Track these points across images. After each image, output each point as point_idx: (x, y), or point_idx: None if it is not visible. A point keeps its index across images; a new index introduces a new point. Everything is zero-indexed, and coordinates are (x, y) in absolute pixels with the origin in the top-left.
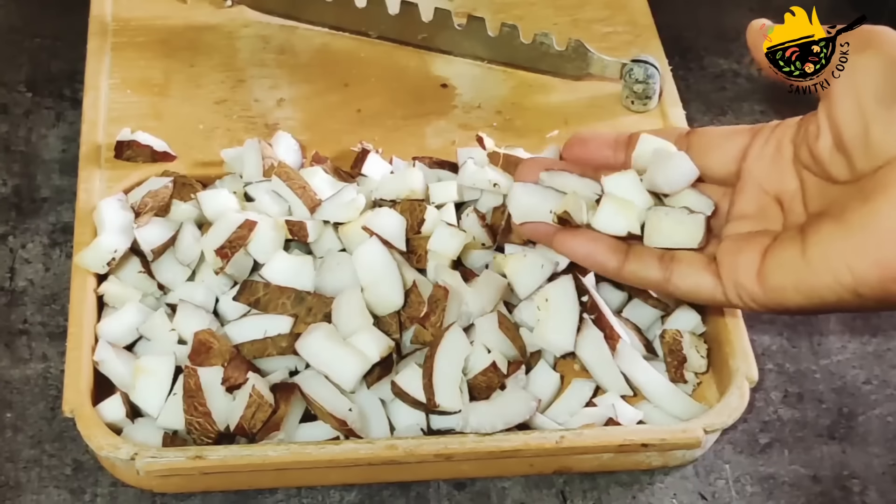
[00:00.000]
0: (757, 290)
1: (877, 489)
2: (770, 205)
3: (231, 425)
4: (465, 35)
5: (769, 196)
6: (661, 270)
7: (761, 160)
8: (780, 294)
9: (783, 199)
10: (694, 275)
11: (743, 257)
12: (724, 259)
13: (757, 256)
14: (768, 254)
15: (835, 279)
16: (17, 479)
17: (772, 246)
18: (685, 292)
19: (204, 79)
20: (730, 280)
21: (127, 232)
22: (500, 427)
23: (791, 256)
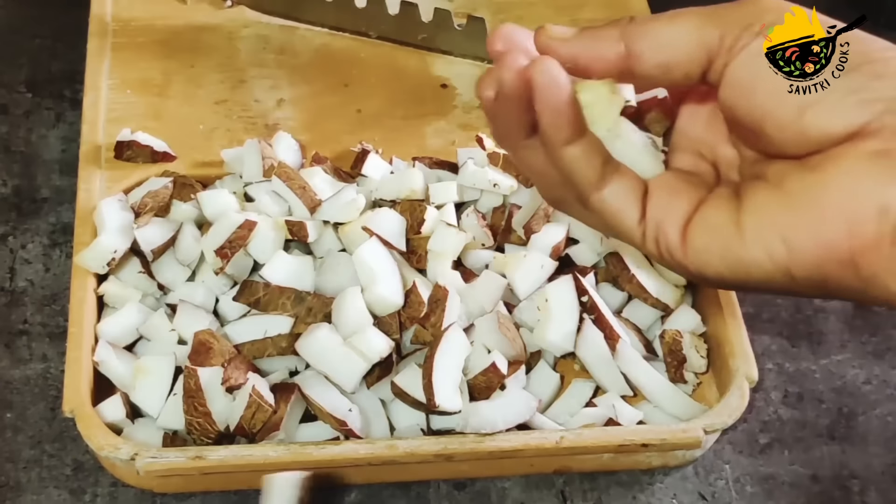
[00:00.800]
0: (677, 244)
1: (876, 489)
2: (703, 165)
3: (231, 425)
4: (465, 35)
5: (705, 161)
6: (597, 171)
7: (696, 119)
8: (701, 258)
9: (720, 166)
10: (625, 197)
11: (676, 201)
12: (658, 193)
13: (688, 206)
14: (699, 209)
15: (767, 253)
16: (17, 480)
17: (704, 202)
18: (606, 213)
19: (204, 79)
20: (653, 220)
21: (127, 232)
22: (500, 427)
23: (722, 219)
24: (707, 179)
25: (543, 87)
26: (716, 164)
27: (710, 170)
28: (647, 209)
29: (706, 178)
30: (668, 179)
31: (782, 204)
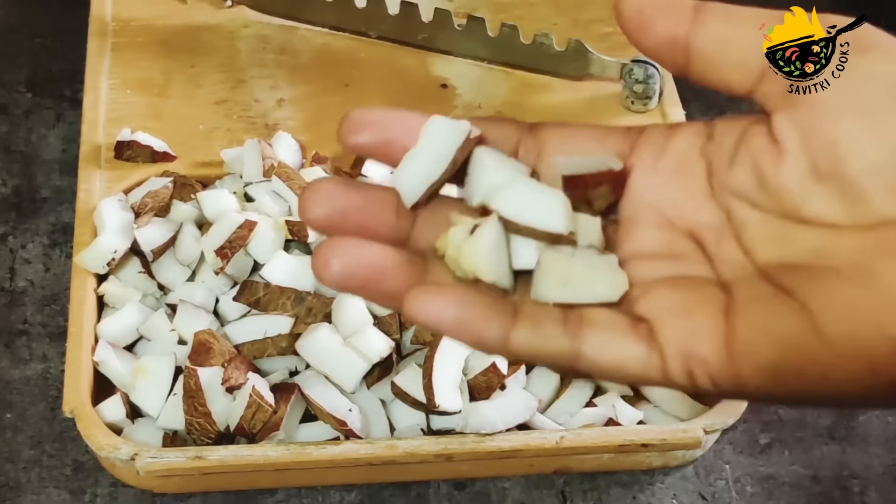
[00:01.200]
0: (724, 366)
1: (877, 489)
2: (680, 241)
3: (231, 425)
4: (466, 35)
5: (677, 229)
6: (567, 338)
7: (656, 176)
8: (771, 377)
9: (701, 236)
10: (617, 343)
11: (699, 322)
12: (665, 321)
13: (719, 321)
14: (741, 319)
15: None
16: (17, 480)
17: (741, 309)
18: (604, 368)
19: (204, 79)
20: (676, 349)
21: (127, 232)
22: (500, 427)
23: (791, 329)
24: (687, 257)
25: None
26: (695, 234)
27: (693, 247)
28: (658, 340)
29: (685, 254)
30: (665, 298)
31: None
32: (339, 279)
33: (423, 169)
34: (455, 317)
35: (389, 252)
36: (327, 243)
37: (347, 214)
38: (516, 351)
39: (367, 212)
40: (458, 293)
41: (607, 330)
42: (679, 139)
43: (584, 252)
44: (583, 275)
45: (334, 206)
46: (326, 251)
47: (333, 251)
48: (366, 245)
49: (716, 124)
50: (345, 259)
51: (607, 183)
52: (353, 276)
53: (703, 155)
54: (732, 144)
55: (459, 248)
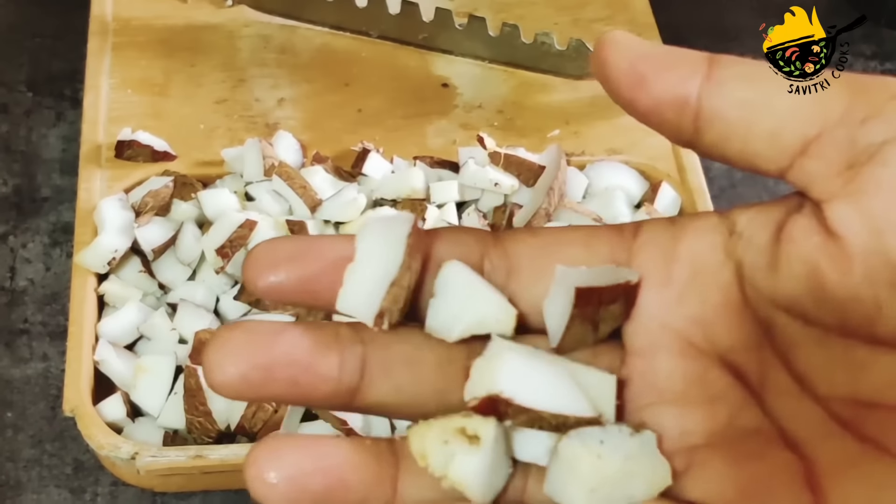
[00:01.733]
0: None
1: None
2: (714, 374)
3: (232, 425)
4: (466, 35)
5: (707, 358)
6: None
7: (669, 290)
8: None
9: (738, 364)
10: None
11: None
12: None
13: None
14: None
15: None
16: (17, 479)
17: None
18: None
19: (204, 78)
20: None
21: (127, 232)
22: None
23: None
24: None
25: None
26: (730, 361)
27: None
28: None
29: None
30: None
31: None
32: (283, 497)
33: (372, 278)
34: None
35: (346, 448)
36: (261, 447)
37: (272, 370)
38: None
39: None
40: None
41: None
42: (691, 239)
43: (615, 435)
44: (617, 472)
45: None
46: (261, 460)
47: (270, 459)
48: (313, 443)
49: (736, 216)
50: (288, 469)
51: (622, 300)
52: (301, 489)
53: (730, 256)
54: (769, 241)
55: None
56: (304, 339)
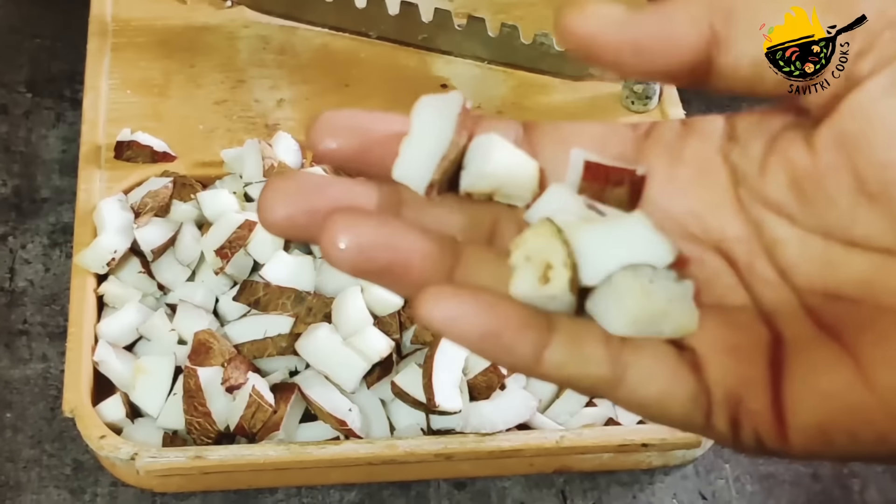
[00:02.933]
0: (771, 422)
1: (877, 487)
2: (709, 258)
3: (231, 425)
4: (466, 35)
5: (703, 244)
6: (608, 363)
7: (673, 185)
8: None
9: (730, 252)
10: (665, 374)
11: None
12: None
13: (765, 367)
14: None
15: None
16: (17, 479)
17: (788, 354)
18: (645, 401)
19: (204, 79)
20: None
21: (127, 232)
22: (499, 427)
23: (841, 383)
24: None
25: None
26: (723, 249)
27: (723, 265)
28: (705, 382)
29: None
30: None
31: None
32: (351, 260)
33: (426, 151)
34: (483, 326)
35: (416, 234)
36: (339, 216)
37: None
38: (548, 372)
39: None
40: (489, 298)
41: (654, 358)
42: (695, 140)
43: (663, 277)
44: (658, 310)
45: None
46: (334, 225)
47: (344, 225)
48: (386, 221)
49: (737, 122)
50: (359, 237)
51: (627, 185)
52: (369, 259)
53: (726, 159)
54: (762, 149)
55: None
56: (349, 191)
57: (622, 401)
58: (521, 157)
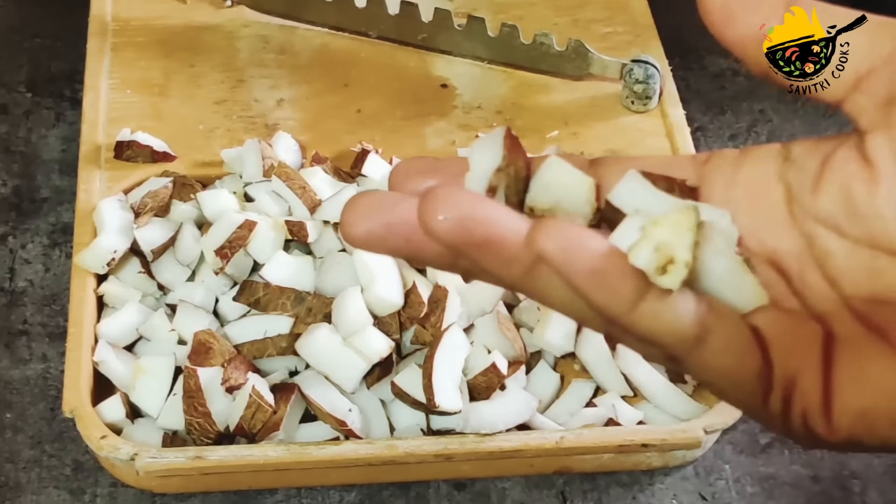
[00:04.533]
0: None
1: (877, 489)
2: (763, 269)
3: (231, 426)
4: (465, 35)
5: (757, 257)
6: (696, 322)
7: (729, 205)
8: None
9: (782, 264)
10: (740, 343)
11: (805, 348)
12: (778, 339)
13: (818, 353)
14: (836, 357)
15: None
16: (17, 480)
17: (838, 345)
18: (718, 369)
19: (204, 79)
20: (784, 371)
21: (127, 232)
22: (500, 427)
23: (881, 368)
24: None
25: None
26: (776, 262)
27: (776, 276)
28: (770, 360)
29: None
30: (778, 316)
31: None
32: (449, 231)
33: (482, 171)
34: (594, 263)
35: (511, 212)
36: (437, 189)
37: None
38: (640, 321)
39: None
40: (602, 244)
41: (735, 327)
42: (751, 164)
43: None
44: (739, 273)
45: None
46: (435, 198)
47: (445, 198)
48: (484, 198)
49: (794, 146)
50: (459, 209)
51: (677, 193)
52: (466, 232)
53: (781, 179)
54: (816, 168)
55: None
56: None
57: (695, 366)
58: (578, 174)
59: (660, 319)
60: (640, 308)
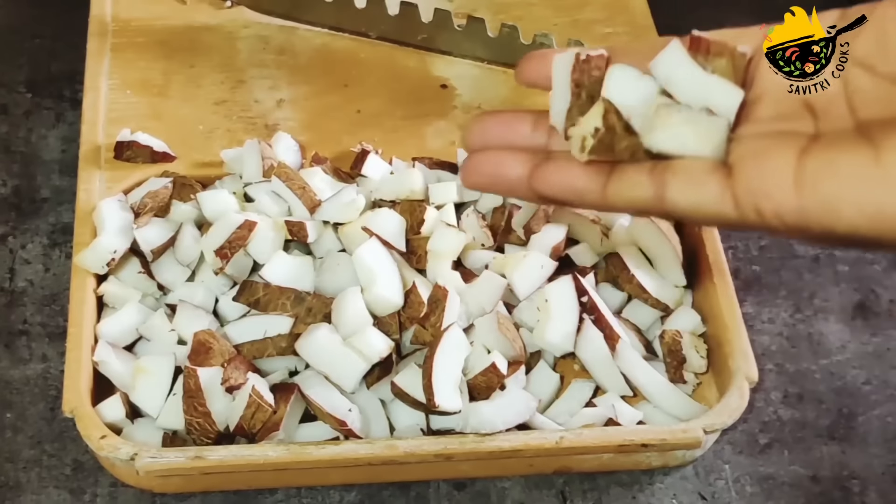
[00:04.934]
0: (791, 200)
1: (876, 489)
2: (796, 110)
3: (231, 425)
4: (465, 36)
5: (795, 101)
6: (652, 185)
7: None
8: (828, 209)
9: (815, 103)
10: (695, 186)
11: (772, 160)
12: (743, 162)
13: (792, 158)
14: (812, 155)
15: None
16: (17, 480)
17: (816, 147)
18: (685, 209)
19: (204, 79)
20: (748, 188)
21: (127, 232)
22: (500, 427)
23: (855, 161)
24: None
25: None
26: (810, 103)
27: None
28: (734, 181)
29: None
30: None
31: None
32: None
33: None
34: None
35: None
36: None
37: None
38: (611, 201)
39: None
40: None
41: (688, 175)
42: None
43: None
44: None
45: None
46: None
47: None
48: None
49: (850, 9)
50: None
51: (727, 57)
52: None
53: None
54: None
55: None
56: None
57: (669, 213)
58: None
59: (622, 195)
60: (609, 191)
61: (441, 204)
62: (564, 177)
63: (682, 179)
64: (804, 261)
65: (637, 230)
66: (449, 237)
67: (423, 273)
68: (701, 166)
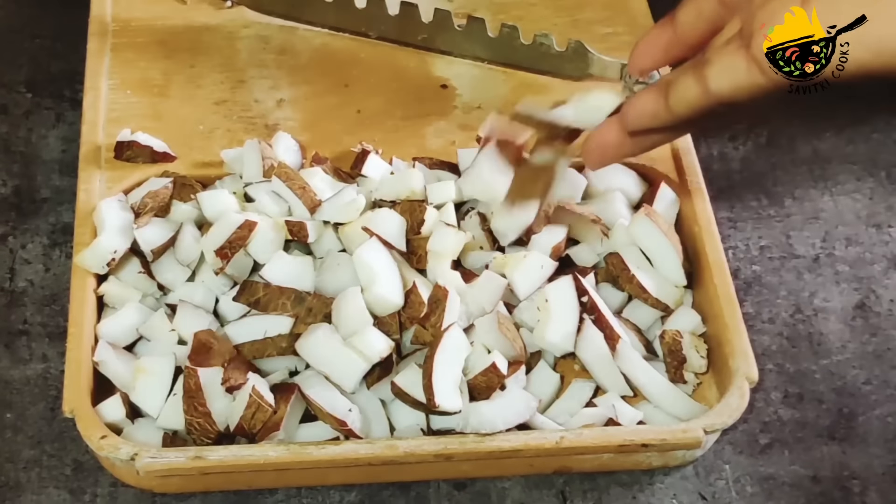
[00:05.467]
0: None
1: (877, 490)
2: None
3: (231, 425)
4: (465, 36)
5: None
6: (697, 84)
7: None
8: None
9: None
10: (726, 70)
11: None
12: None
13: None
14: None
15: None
16: (17, 480)
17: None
18: (730, 93)
19: (204, 79)
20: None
21: (127, 232)
22: (500, 427)
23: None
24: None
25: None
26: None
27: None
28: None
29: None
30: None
31: None
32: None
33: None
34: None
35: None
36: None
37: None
38: (676, 110)
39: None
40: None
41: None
42: None
43: None
44: None
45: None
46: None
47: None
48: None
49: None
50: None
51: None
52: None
53: None
54: None
55: None
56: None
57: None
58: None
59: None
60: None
61: (441, 204)
62: (639, 105)
63: (716, 68)
64: (804, 261)
65: (637, 230)
66: (449, 237)
67: (424, 273)
68: (726, 49)
